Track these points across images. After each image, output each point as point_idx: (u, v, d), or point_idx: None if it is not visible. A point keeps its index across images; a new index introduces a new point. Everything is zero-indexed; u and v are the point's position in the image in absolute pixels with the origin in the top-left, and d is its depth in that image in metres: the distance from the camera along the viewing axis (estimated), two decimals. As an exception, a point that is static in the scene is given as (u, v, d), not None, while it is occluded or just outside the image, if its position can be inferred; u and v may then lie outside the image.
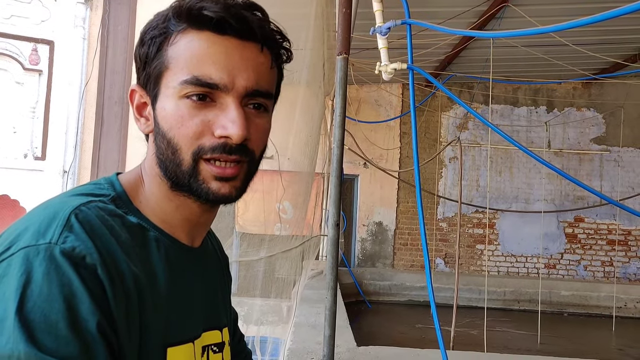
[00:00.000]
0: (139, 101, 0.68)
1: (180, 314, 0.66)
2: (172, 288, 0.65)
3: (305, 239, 4.31)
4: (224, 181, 0.64)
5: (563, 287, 8.47)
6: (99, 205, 0.61)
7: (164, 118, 0.64)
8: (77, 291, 0.53)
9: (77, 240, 0.55)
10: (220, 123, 0.62)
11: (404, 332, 6.95)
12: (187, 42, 0.63)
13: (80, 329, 0.52)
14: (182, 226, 0.69)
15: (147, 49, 0.65)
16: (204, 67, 0.62)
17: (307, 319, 4.02)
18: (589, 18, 1.68)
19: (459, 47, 6.88)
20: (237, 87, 0.63)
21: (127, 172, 0.71)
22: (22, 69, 7.87)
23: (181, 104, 0.62)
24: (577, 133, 9.22)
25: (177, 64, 0.63)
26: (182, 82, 0.62)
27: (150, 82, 0.65)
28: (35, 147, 7.93)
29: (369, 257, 9.24)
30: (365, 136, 8.80)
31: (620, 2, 1.48)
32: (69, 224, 0.56)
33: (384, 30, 2.95)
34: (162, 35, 0.64)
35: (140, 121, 0.69)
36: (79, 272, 0.53)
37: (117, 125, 8.24)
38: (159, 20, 0.65)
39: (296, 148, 3.58)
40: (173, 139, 0.63)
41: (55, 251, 0.53)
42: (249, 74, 0.63)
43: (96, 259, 0.55)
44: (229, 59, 0.62)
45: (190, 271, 0.70)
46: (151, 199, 0.68)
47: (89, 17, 8.36)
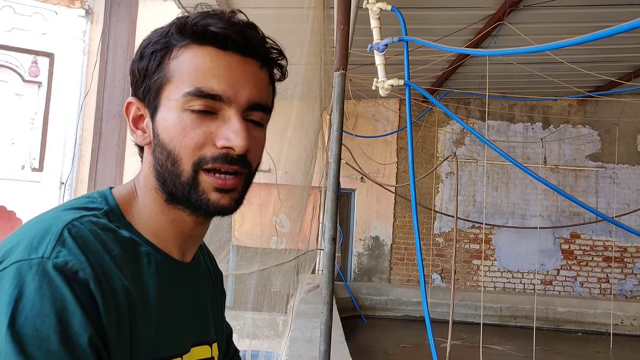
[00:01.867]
0: (135, 114, 0.69)
1: (169, 329, 0.66)
2: (161, 303, 0.65)
3: (299, 252, 4.31)
4: (224, 192, 0.65)
5: (559, 304, 8.45)
6: (92, 219, 0.61)
7: (165, 129, 0.64)
8: (69, 306, 0.53)
9: (69, 255, 0.55)
10: (222, 134, 0.63)
11: (400, 347, 6.90)
12: (190, 56, 0.64)
13: (72, 343, 0.52)
14: (174, 240, 0.70)
15: (147, 62, 0.66)
16: (207, 80, 0.63)
17: (302, 333, 4.00)
18: (583, 37, 1.72)
19: (456, 63, 6.95)
20: (239, 100, 0.64)
21: (121, 186, 0.71)
22: (21, 81, 7.90)
23: (184, 115, 0.63)
24: (572, 150, 9.28)
25: (180, 77, 0.64)
26: (185, 94, 0.63)
27: (150, 94, 0.66)
28: (33, 158, 7.93)
29: (366, 272, 9.22)
30: (363, 151, 8.84)
31: (614, 22, 1.52)
32: (62, 239, 0.56)
33: (381, 47, 2.99)
34: (164, 49, 0.65)
35: (136, 133, 0.69)
36: (72, 286, 0.53)
37: (115, 138, 8.26)
38: (160, 35, 0.67)
39: (290, 162, 3.60)
40: (174, 150, 0.64)
41: (47, 266, 0.53)
42: (251, 87, 0.65)
43: (89, 273, 0.55)
44: (231, 73, 0.64)
45: (180, 286, 0.70)
46: (144, 213, 0.68)
47: (89, 30, 8.43)
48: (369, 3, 3.12)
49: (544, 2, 5.14)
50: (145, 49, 0.67)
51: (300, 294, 5.30)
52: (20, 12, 7.85)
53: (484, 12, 5.52)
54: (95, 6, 8.45)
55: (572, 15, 5.47)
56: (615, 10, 5.25)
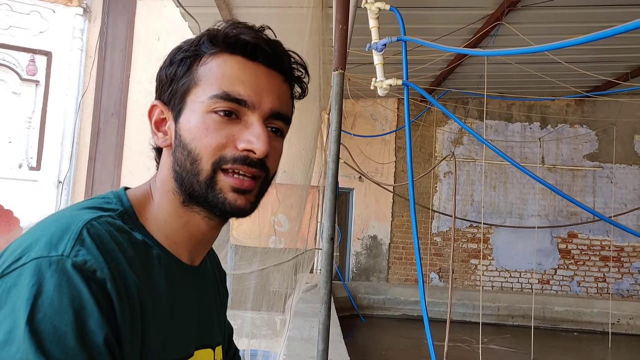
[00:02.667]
0: (158, 117, 0.71)
1: (176, 332, 0.67)
2: (170, 306, 0.66)
3: (298, 252, 4.31)
4: (241, 193, 0.66)
5: (557, 303, 8.48)
6: (109, 220, 0.63)
7: (188, 130, 0.66)
8: (87, 304, 0.54)
9: (88, 255, 0.56)
10: (244, 138, 0.65)
11: (398, 346, 6.92)
12: (219, 62, 0.67)
13: (88, 341, 0.53)
14: (185, 244, 0.71)
15: (176, 68, 0.69)
16: (234, 85, 0.66)
17: (300, 332, 4.01)
18: (582, 38, 1.73)
19: (454, 63, 6.96)
20: (262, 107, 0.67)
21: (135, 188, 0.73)
22: (19, 80, 7.88)
23: (208, 117, 0.65)
24: (570, 149, 9.31)
25: (208, 81, 0.67)
26: (211, 97, 0.65)
27: (176, 98, 0.68)
28: (30, 157, 7.91)
29: (364, 271, 9.22)
30: (361, 150, 8.85)
31: (611, 22, 1.53)
32: (81, 238, 0.57)
33: (379, 46, 2.99)
34: (194, 56, 0.68)
35: (157, 135, 0.71)
36: (90, 285, 0.55)
37: (113, 137, 8.24)
38: (190, 44, 0.70)
39: (289, 161, 3.60)
40: (195, 150, 0.65)
41: (67, 264, 0.55)
42: (275, 97, 0.68)
43: (106, 273, 0.56)
44: (257, 81, 0.67)
45: (187, 290, 0.71)
46: (159, 216, 0.69)
47: (87, 29, 8.41)
48: (368, 3, 3.13)
49: (542, 2, 5.15)
50: (175, 56, 0.70)
51: (299, 293, 5.30)
52: (18, 10, 7.83)
53: (483, 12, 5.53)
54: (93, 5, 8.43)
55: (570, 15, 5.48)
56: (613, 10, 5.26)
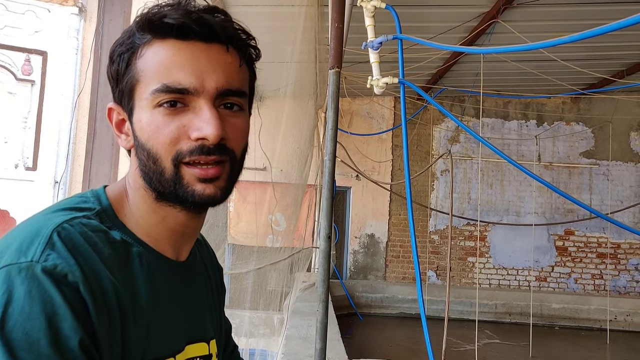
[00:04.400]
0: (117, 118, 0.69)
1: (161, 329, 0.66)
2: (153, 303, 0.64)
3: (294, 251, 4.31)
4: (208, 182, 0.64)
5: (554, 300, 8.50)
6: (83, 221, 0.61)
7: (141, 130, 0.65)
8: (59, 309, 0.53)
9: (59, 258, 0.55)
10: (195, 126, 0.63)
11: (396, 344, 6.92)
12: (153, 53, 0.64)
13: (62, 346, 0.52)
14: (167, 239, 0.69)
15: (117, 66, 0.66)
16: (172, 74, 0.62)
17: (298, 331, 4.01)
18: (577, 35, 1.73)
19: (450, 61, 6.96)
20: (207, 89, 0.63)
21: (113, 185, 0.71)
22: (14, 80, 7.85)
23: (155, 113, 0.63)
24: (566, 147, 9.33)
25: (147, 76, 0.64)
26: (153, 92, 0.63)
27: (125, 97, 0.66)
28: (26, 157, 7.89)
29: (361, 270, 9.23)
30: (358, 148, 8.85)
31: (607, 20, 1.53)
32: (51, 242, 0.56)
33: (375, 45, 2.99)
34: (129, 50, 0.65)
35: (121, 138, 0.69)
36: (61, 289, 0.53)
37: (109, 137, 8.22)
38: (125, 36, 0.66)
39: (285, 160, 3.60)
40: (152, 149, 0.64)
41: (36, 269, 0.53)
42: (218, 74, 0.64)
43: (78, 276, 0.55)
44: (195, 63, 0.63)
45: (173, 286, 0.70)
46: (136, 213, 0.68)
47: (82, 28, 8.39)
48: (364, 1, 3.12)
49: (537, 0, 5.16)
50: (114, 53, 0.67)
51: (296, 292, 5.30)
52: (13, 9, 7.79)
53: (478, 10, 5.53)
54: (88, 4, 8.40)
55: (566, 13, 5.49)
56: (608, 8, 5.27)
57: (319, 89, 4.11)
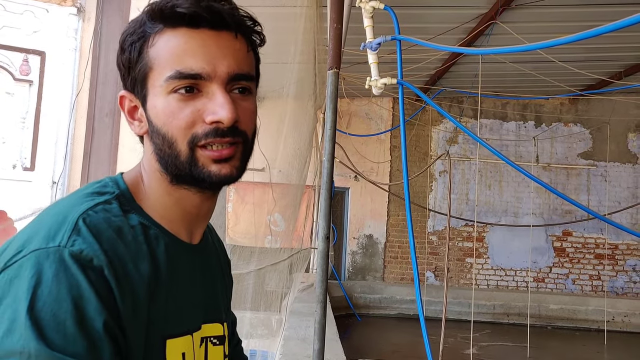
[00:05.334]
0: (129, 106, 0.71)
1: (179, 308, 0.69)
2: (171, 283, 0.67)
3: (293, 251, 4.31)
4: (223, 162, 0.67)
5: (552, 301, 8.52)
6: (105, 207, 0.64)
7: (156, 115, 0.67)
8: (84, 292, 0.55)
9: (84, 244, 0.58)
10: (209, 110, 0.65)
11: (394, 345, 6.93)
12: (165, 41, 0.66)
13: (87, 327, 0.55)
14: (181, 222, 0.72)
15: (129, 54, 0.68)
16: (184, 61, 0.65)
17: (296, 332, 4.01)
18: (574, 36, 1.73)
19: (449, 62, 6.97)
20: (219, 74, 0.66)
21: (129, 171, 0.74)
22: (12, 80, 7.84)
23: (170, 99, 0.66)
24: (564, 148, 9.35)
25: (160, 63, 0.66)
26: (167, 79, 0.65)
27: (137, 85, 0.68)
28: (24, 157, 7.88)
29: (360, 270, 9.23)
30: (356, 149, 8.85)
31: (604, 21, 1.53)
32: (77, 228, 0.59)
33: (374, 45, 2.99)
34: (141, 39, 0.67)
35: (133, 124, 0.72)
36: (87, 273, 0.56)
37: (107, 137, 8.21)
38: (135, 25, 0.68)
39: (285, 161, 3.60)
40: (168, 134, 0.66)
41: (64, 254, 0.57)
42: (229, 60, 0.67)
43: (103, 260, 0.58)
44: (207, 50, 0.66)
45: (189, 267, 0.73)
46: (151, 196, 0.71)
47: (81, 28, 8.38)
48: (362, 2, 3.12)
49: (536, 1, 5.17)
50: (124, 42, 0.69)
51: (294, 292, 5.30)
52: (11, 10, 7.78)
53: (477, 11, 5.54)
54: (87, 4, 8.39)
55: (564, 14, 5.50)
56: (606, 9, 5.29)
57: (317, 90, 4.11)
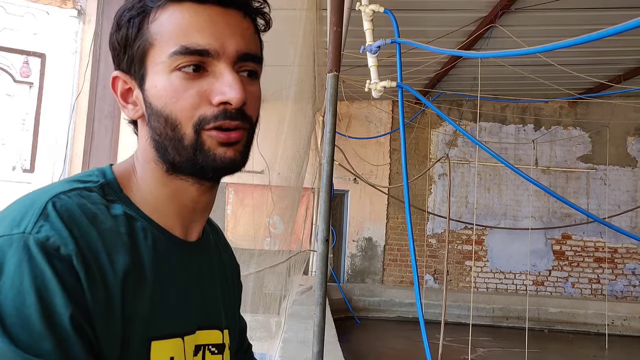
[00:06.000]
0: (123, 88, 0.66)
1: (168, 307, 0.63)
2: (158, 279, 0.62)
3: (291, 253, 4.31)
4: (229, 146, 0.62)
5: (551, 304, 8.51)
6: (82, 193, 0.59)
7: (156, 96, 0.62)
8: (49, 284, 0.51)
9: (51, 230, 0.53)
10: (217, 90, 0.61)
11: (393, 348, 6.92)
12: (169, 15, 0.62)
13: (53, 323, 0.50)
14: (176, 216, 0.67)
15: (126, 31, 0.63)
16: (190, 36, 0.60)
17: (295, 335, 4.01)
18: (574, 39, 1.74)
19: (448, 65, 6.99)
20: (228, 52, 0.61)
21: (121, 162, 0.69)
22: (12, 81, 7.85)
23: (173, 77, 0.61)
24: (564, 151, 9.36)
25: (162, 38, 0.61)
26: (171, 55, 0.60)
27: (135, 63, 0.63)
28: (24, 159, 7.88)
29: (359, 273, 9.22)
30: (356, 152, 8.86)
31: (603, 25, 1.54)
32: (45, 213, 0.54)
33: (374, 48, 3.00)
34: (141, 14, 0.63)
35: (127, 108, 0.66)
36: (53, 263, 0.52)
37: (107, 139, 8.22)
38: (134, 1, 0.64)
39: (284, 163, 3.60)
40: (170, 115, 0.61)
41: (28, 241, 0.52)
42: (237, 38, 0.62)
43: (72, 249, 0.53)
44: (215, 26, 0.61)
45: (183, 265, 0.67)
46: (144, 188, 0.66)
47: (81, 31, 8.39)
48: (362, 5, 3.13)
49: (535, 5, 5.19)
50: (121, 18, 0.64)
51: (293, 295, 5.30)
52: (12, 12, 7.80)
53: (476, 14, 5.56)
54: (87, 6, 8.41)
55: (563, 18, 5.52)
56: (605, 13, 5.30)
57: (317, 92, 4.12)
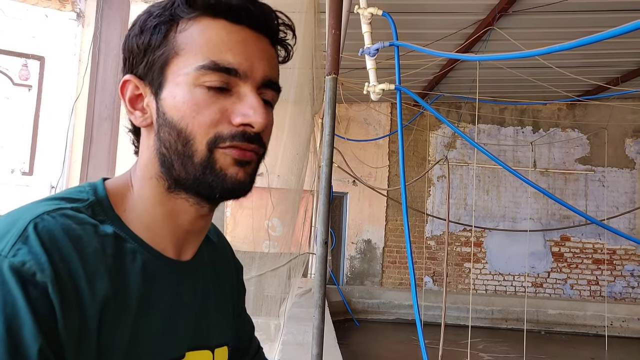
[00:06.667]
0: (133, 93, 0.63)
1: (153, 335, 0.60)
2: (145, 305, 0.59)
3: (292, 256, 4.31)
4: (242, 166, 0.61)
5: (550, 306, 8.52)
6: (68, 212, 0.56)
7: (174, 107, 0.60)
8: (20, 312, 0.48)
9: (29, 254, 0.50)
10: (240, 111, 0.60)
11: (392, 350, 6.92)
12: (201, 28, 0.60)
13: (20, 354, 0.48)
14: (170, 236, 0.64)
15: (150, 36, 0.61)
16: (222, 53, 0.59)
17: (294, 337, 4.00)
18: (571, 42, 1.75)
19: (447, 68, 7.00)
20: (255, 75, 0.61)
21: (116, 177, 0.66)
22: (11, 84, 7.86)
23: (196, 91, 0.59)
24: (562, 153, 9.37)
25: (191, 50, 0.60)
26: (198, 68, 0.59)
27: (154, 70, 0.61)
28: (22, 162, 7.88)
29: (358, 275, 9.22)
30: (354, 154, 8.86)
31: (601, 28, 1.55)
32: (25, 235, 0.51)
33: (372, 51, 3.01)
34: (169, 22, 0.61)
35: (134, 114, 0.64)
36: (27, 289, 0.49)
37: (106, 142, 8.22)
38: (162, 8, 0.62)
39: (284, 166, 3.60)
40: (186, 129, 0.59)
41: (3, 265, 0.49)
42: (264, 63, 0.62)
43: (48, 275, 0.50)
44: (247, 47, 0.61)
45: (173, 287, 0.64)
46: (139, 205, 0.63)
47: (80, 33, 8.40)
48: (360, 8, 3.15)
49: (533, 7, 5.21)
50: (146, 23, 0.62)
51: (292, 297, 5.30)
52: (10, 14, 7.80)
53: (474, 17, 5.58)
54: (86, 9, 8.42)
55: (561, 20, 5.53)
56: (602, 16, 5.32)
57: (315, 95, 4.13)
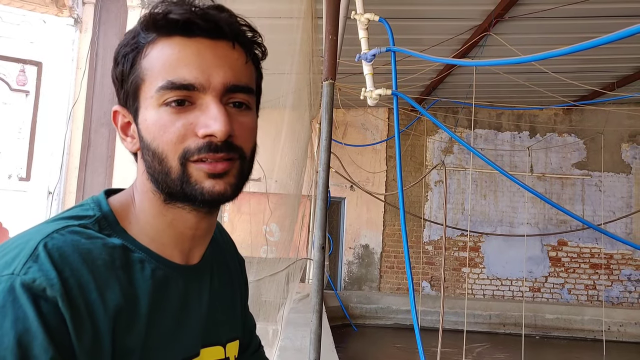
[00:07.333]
0: (123, 121, 0.68)
1: (168, 334, 0.64)
2: (156, 309, 0.62)
3: (290, 261, 4.31)
4: (217, 178, 0.62)
5: (547, 311, 8.51)
6: (76, 229, 0.60)
7: (147, 129, 0.63)
8: (31, 326, 0.51)
9: (39, 271, 0.53)
10: (202, 123, 0.61)
11: (390, 355, 6.90)
12: (158, 50, 0.63)
13: None
14: (175, 243, 0.68)
15: (122, 67, 0.65)
16: (177, 71, 0.61)
17: (292, 342, 3.99)
18: (567, 48, 1.76)
19: (443, 73, 7.03)
20: (214, 85, 0.62)
21: (120, 193, 0.70)
22: (9, 90, 7.85)
23: (161, 111, 0.62)
24: (559, 158, 9.40)
25: (152, 74, 0.62)
26: (158, 90, 0.61)
27: (130, 98, 0.65)
28: (20, 167, 7.86)
29: (356, 280, 9.21)
30: (352, 159, 8.87)
31: (597, 33, 1.56)
32: (35, 254, 0.55)
33: (369, 57, 3.03)
34: (134, 50, 0.64)
35: (126, 141, 0.68)
36: (37, 305, 0.52)
37: (104, 147, 8.21)
38: (129, 37, 0.65)
39: (282, 171, 3.61)
40: (157, 149, 0.62)
41: (15, 283, 0.52)
42: (225, 70, 0.63)
43: (58, 290, 0.53)
44: (201, 59, 0.62)
45: (183, 291, 0.68)
46: (141, 218, 0.66)
47: (78, 39, 8.41)
48: (357, 14, 3.16)
49: (529, 13, 5.24)
50: (118, 54, 0.66)
51: (290, 303, 5.28)
52: (8, 20, 7.81)
53: (471, 23, 5.60)
54: (84, 15, 8.43)
55: (557, 26, 5.57)
56: (598, 21, 5.36)
57: (312, 100, 4.14)
